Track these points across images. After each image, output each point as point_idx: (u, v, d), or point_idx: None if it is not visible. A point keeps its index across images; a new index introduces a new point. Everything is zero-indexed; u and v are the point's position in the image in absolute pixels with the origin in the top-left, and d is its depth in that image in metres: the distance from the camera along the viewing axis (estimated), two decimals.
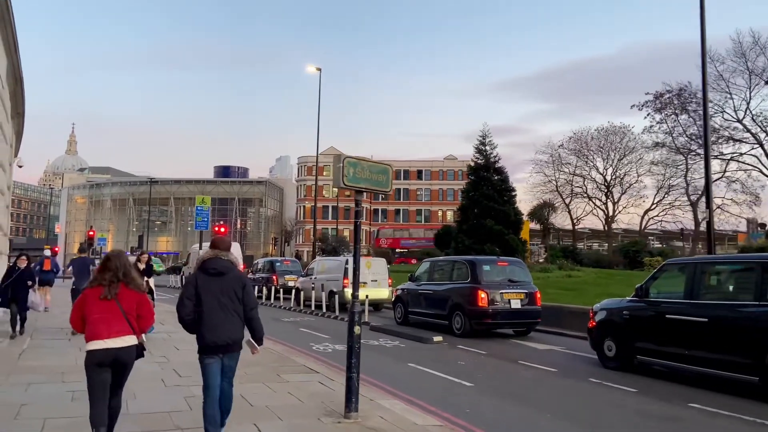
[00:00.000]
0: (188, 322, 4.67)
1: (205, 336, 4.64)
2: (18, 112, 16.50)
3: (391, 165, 6.36)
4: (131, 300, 4.50)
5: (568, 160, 48.85)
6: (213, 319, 4.63)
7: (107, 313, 4.36)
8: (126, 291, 4.50)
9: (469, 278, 13.34)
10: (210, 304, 4.64)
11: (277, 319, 17.65)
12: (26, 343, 10.42)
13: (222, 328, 4.62)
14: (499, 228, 30.77)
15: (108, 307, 4.38)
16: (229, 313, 4.68)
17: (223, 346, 4.66)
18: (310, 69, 34.46)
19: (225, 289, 4.70)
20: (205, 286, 4.68)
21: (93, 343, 4.27)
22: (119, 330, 4.33)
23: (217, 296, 4.66)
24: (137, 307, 4.54)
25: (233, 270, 4.85)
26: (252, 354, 5.11)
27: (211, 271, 4.74)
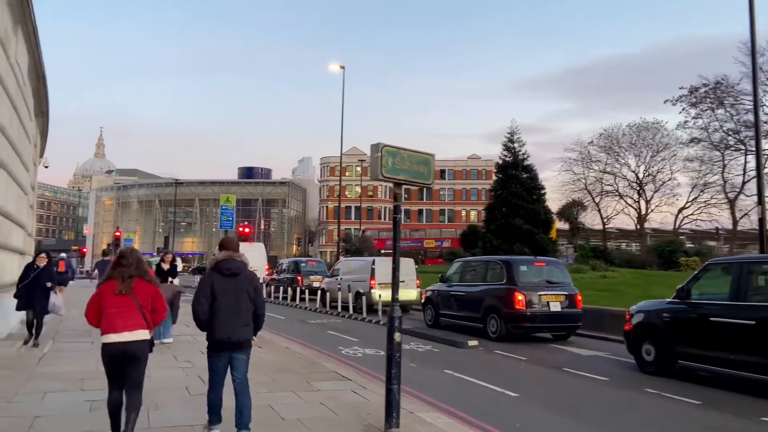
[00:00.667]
0: (203, 321, 4.85)
1: (219, 333, 4.81)
2: (42, 111, 16.32)
3: (433, 155, 5.75)
4: (146, 294, 4.66)
5: (598, 157, 47.48)
6: (226, 317, 4.80)
7: (123, 308, 4.52)
8: (141, 285, 4.66)
9: (504, 279, 12.67)
10: (224, 304, 4.82)
11: (303, 320, 17.19)
12: (47, 346, 10.08)
13: (234, 327, 4.81)
14: (529, 227, 29.89)
15: (124, 301, 4.53)
16: (241, 312, 4.87)
17: (234, 343, 4.85)
18: (333, 67, 34.02)
19: (239, 290, 4.90)
20: (220, 286, 4.86)
21: (108, 336, 4.45)
22: (134, 324, 4.50)
23: (231, 296, 4.85)
24: (152, 301, 4.68)
25: (246, 271, 5.06)
26: None
27: (225, 272, 4.92)
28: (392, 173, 5.38)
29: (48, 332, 11.98)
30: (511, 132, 34.07)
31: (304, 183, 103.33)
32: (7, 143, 9.83)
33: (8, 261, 10.95)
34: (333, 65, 33.82)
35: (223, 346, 4.85)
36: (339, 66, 33.53)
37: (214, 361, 4.92)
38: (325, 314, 19.08)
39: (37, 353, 9.15)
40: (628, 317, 10.02)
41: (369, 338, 13.09)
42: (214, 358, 4.92)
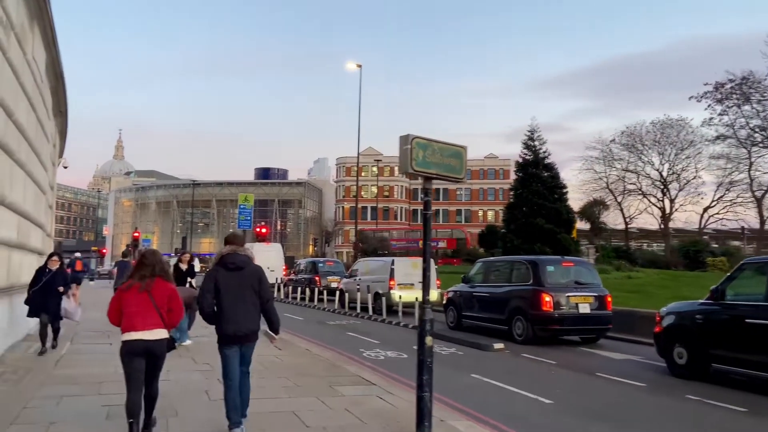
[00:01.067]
0: (209, 313, 4.93)
1: (225, 327, 4.88)
2: (60, 111, 16.25)
3: (465, 147, 5.40)
4: (164, 294, 4.74)
5: (620, 155, 46.50)
6: (233, 311, 4.86)
7: (142, 307, 4.64)
8: (161, 284, 4.77)
9: (530, 280, 12.25)
10: (230, 297, 4.88)
11: (322, 322, 16.91)
12: (65, 348, 9.91)
13: (241, 320, 4.88)
14: (551, 227, 29.28)
15: (143, 301, 4.65)
16: (247, 306, 4.92)
17: (241, 337, 4.92)
18: (351, 66, 33.81)
19: (243, 283, 4.94)
20: (224, 281, 4.91)
21: (128, 334, 4.57)
22: (153, 323, 4.62)
23: (236, 289, 4.90)
24: (168, 301, 4.76)
25: (250, 264, 5.09)
26: (271, 343, 5.34)
27: (230, 266, 4.97)
28: (423, 167, 5.04)
29: (66, 333, 11.85)
30: (531, 130, 33.51)
31: (319, 183, 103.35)
32: (24, 142, 9.68)
33: (27, 261, 10.81)
34: (350, 64, 33.61)
35: (230, 340, 4.93)
36: (356, 65, 33.31)
37: (226, 355, 4.99)
38: (344, 315, 18.79)
39: (54, 355, 8.97)
40: (658, 319, 9.72)
41: (390, 340, 12.77)
42: (225, 350, 4.99)
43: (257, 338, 5.12)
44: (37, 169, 11.37)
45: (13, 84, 8.53)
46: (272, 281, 28.95)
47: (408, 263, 19.16)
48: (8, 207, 8.70)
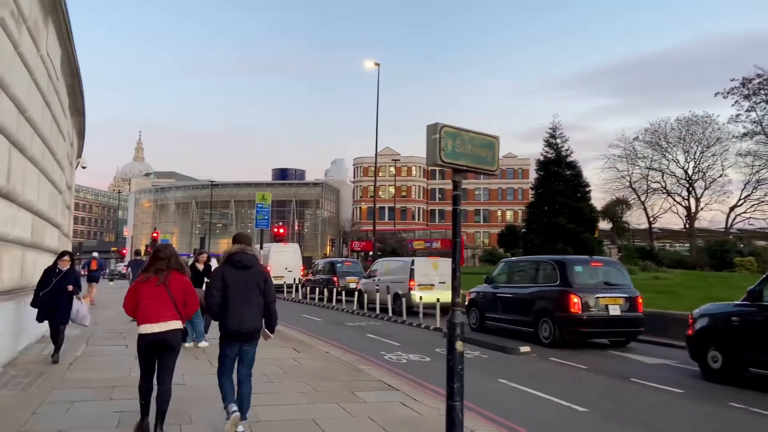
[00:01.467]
0: (216, 311, 5.03)
1: (230, 324, 4.98)
2: (78, 110, 16.15)
3: (497, 137, 5.01)
4: (179, 287, 4.91)
5: (644, 153, 45.36)
6: (238, 308, 4.97)
7: (158, 300, 4.78)
8: (176, 278, 4.93)
9: (558, 280, 11.79)
10: (236, 295, 4.98)
11: (340, 323, 16.59)
12: (80, 349, 9.70)
13: (245, 318, 4.97)
14: (573, 226, 28.60)
15: (159, 293, 4.80)
16: (252, 304, 5.02)
17: (244, 334, 5.02)
18: (368, 65, 33.52)
19: (249, 282, 5.06)
20: (231, 279, 5.02)
21: (144, 326, 4.73)
22: (168, 315, 4.77)
23: (242, 288, 5.01)
24: (184, 295, 4.92)
25: (257, 264, 5.24)
26: (264, 340, 5.39)
27: (237, 264, 5.09)
28: (452, 158, 4.65)
29: (83, 334, 11.68)
30: (552, 127, 32.82)
31: (337, 184, 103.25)
32: (38, 139, 9.50)
33: (42, 262, 10.63)
34: (368, 62, 33.32)
35: (233, 337, 5.03)
36: (374, 63, 33.00)
37: (224, 351, 5.11)
38: (363, 316, 18.45)
39: (68, 358, 8.74)
40: (691, 321, 9.31)
41: (411, 342, 12.39)
42: (225, 347, 5.11)
43: (259, 337, 5.23)
44: (52, 167, 11.21)
45: (26, 79, 8.34)
46: (290, 282, 28.75)
47: (428, 263, 18.76)
48: (21, 205, 8.51)
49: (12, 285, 7.93)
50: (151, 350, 4.77)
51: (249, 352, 5.20)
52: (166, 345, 4.79)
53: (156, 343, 4.75)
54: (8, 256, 7.67)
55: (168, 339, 4.79)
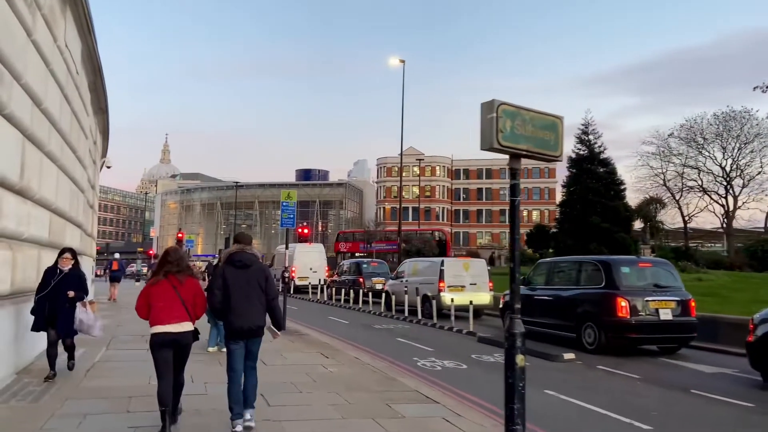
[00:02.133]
0: (219, 309, 5.20)
1: (233, 322, 5.12)
2: (101, 108, 15.88)
3: (561, 118, 4.33)
4: (189, 290, 5.06)
5: (679, 150, 43.56)
6: (240, 307, 5.11)
7: (169, 302, 4.92)
8: (185, 280, 5.06)
9: (603, 282, 10.99)
10: (237, 294, 5.12)
11: (368, 326, 15.99)
12: (99, 354, 9.26)
13: (248, 315, 5.10)
14: (607, 225, 27.48)
15: (170, 295, 4.94)
16: (253, 302, 5.15)
17: (247, 331, 5.15)
18: (393, 61, 32.88)
19: (250, 280, 5.19)
20: (232, 278, 5.16)
21: (157, 327, 4.88)
22: (179, 317, 4.91)
23: (243, 286, 5.15)
24: (194, 296, 5.08)
25: (257, 262, 5.37)
26: (273, 338, 5.64)
27: (237, 264, 5.23)
28: (511, 141, 4.00)
29: (104, 338, 11.30)
30: (585, 123, 31.63)
31: (360, 184, 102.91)
32: (56, 134, 9.10)
33: None
34: (393, 59, 32.69)
35: (237, 334, 5.17)
36: (399, 60, 32.34)
37: (231, 350, 5.23)
38: (391, 319, 17.82)
39: (85, 364, 8.30)
40: (751, 327, 8.52)
41: (444, 348, 11.72)
42: (231, 345, 5.24)
43: (263, 333, 5.33)
44: (73, 164, 10.84)
45: (41, 69, 7.91)
46: (315, 282, 28.25)
47: (458, 264, 18.05)
48: (38, 203, 8.09)
49: (27, 287, 7.50)
50: (164, 350, 4.93)
51: (253, 349, 5.33)
52: (177, 345, 4.97)
53: (168, 343, 4.91)
54: (22, 256, 7.23)
55: (179, 339, 4.97)
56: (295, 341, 11.62)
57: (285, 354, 9.92)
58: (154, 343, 4.93)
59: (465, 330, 14.12)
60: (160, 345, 4.91)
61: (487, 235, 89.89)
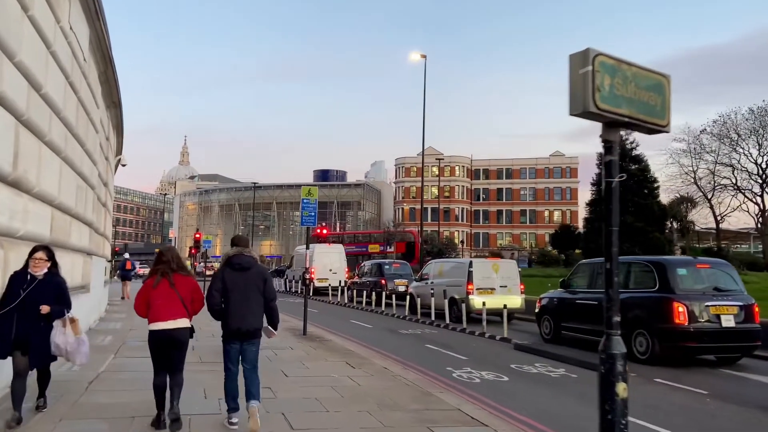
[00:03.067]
0: (217, 310, 5.25)
1: (231, 323, 5.20)
2: (113, 102, 15.22)
3: (668, 77, 3.38)
4: (186, 287, 5.17)
5: (711, 147, 41.61)
6: (238, 308, 5.18)
7: (167, 299, 5.03)
8: (181, 278, 5.17)
9: (656, 285, 9.96)
10: (236, 296, 5.19)
11: (393, 330, 15.08)
12: (106, 363, 8.49)
13: (246, 317, 5.17)
14: (641, 225, 26.19)
15: (168, 293, 5.05)
16: (251, 304, 5.22)
17: (244, 333, 5.21)
18: (414, 56, 32.05)
19: (249, 283, 5.26)
20: (231, 280, 5.23)
21: (155, 324, 5.02)
22: (176, 313, 5.04)
23: (241, 288, 5.22)
24: (191, 293, 5.18)
25: (256, 265, 5.43)
26: (268, 337, 5.57)
27: (236, 266, 5.30)
28: (611, 103, 3.07)
29: (113, 342, 10.57)
30: None
31: (378, 185, 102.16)
32: (60, 123, 8.37)
33: (68, 263, 9.53)
34: (414, 54, 31.84)
35: (234, 336, 5.23)
36: (420, 55, 31.45)
37: (227, 349, 5.32)
38: (417, 323, 16.90)
39: (88, 374, 7.52)
40: None
41: (479, 356, 10.79)
42: (227, 346, 5.32)
43: (260, 335, 5.37)
44: (80, 158, 10.12)
45: (40, 50, 7.16)
46: (335, 284, 27.40)
47: (488, 265, 17.08)
48: (36, 196, 7.34)
49: None
50: (162, 346, 5.04)
51: (251, 350, 5.35)
52: (175, 341, 5.05)
53: (166, 339, 5.00)
54: (16, 254, 6.46)
55: (176, 335, 5.04)
56: (318, 348, 10.77)
57: (307, 363, 9.07)
58: (152, 340, 5.06)
59: (498, 336, 13.15)
60: (157, 341, 5.04)
61: (507, 236, 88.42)
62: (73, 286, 10.18)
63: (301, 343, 11.36)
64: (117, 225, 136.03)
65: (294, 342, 11.53)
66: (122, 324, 13.64)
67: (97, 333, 11.93)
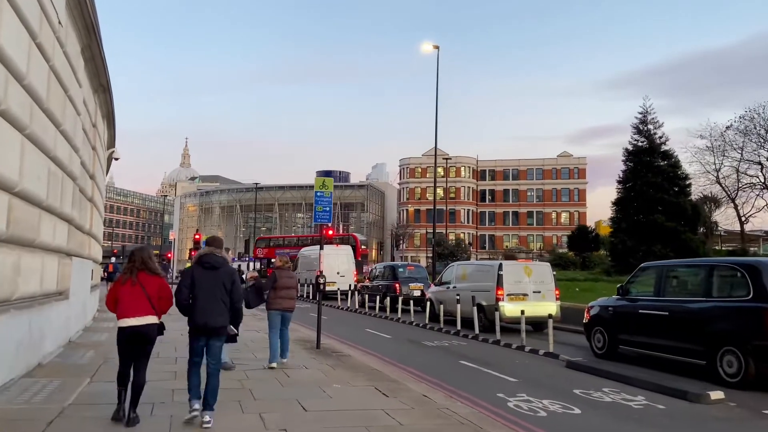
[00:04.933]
0: (185, 305, 5.52)
1: (197, 319, 5.46)
2: (101, 85, 13.53)
3: None
4: (153, 285, 5.43)
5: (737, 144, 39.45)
6: (204, 305, 5.45)
7: (134, 297, 5.32)
8: (148, 277, 5.43)
9: (750, 293, 8.22)
10: (203, 293, 5.48)
11: (416, 342, 13.35)
12: (77, 391, 6.77)
13: (211, 314, 5.44)
14: (673, 225, 24.41)
15: (135, 291, 5.33)
16: (218, 302, 5.48)
17: (210, 329, 5.47)
18: (426, 47, 30.21)
19: (216, 282, 5.52)
20: (200, 278, 5.53)
21: (123, 320, 5.30)
22: (143, 310, 5.31)
23: (209, 286, 5.50)
24: (158, 291, 5.44)
25: (225, 265, 5.69)
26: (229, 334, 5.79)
27: (206, 265, 5.58)
28: None
29: (92, 361, 8.86)
30: (643, 112, 28.39)
31: (382, 186, 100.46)
32: (22, 91, 6.70)
33: (35, 264, 7.85)
34: (426, 45, 30.05)
35: (200, 331, 5.48)
36: (433, 46, 29.73)
37: (192, 343, 5.55)
38: (440, 332, 15.17)
39: (52, 408, 5.81)
40: None
41: (529, 377, 9.08)
42: (192, 342, 5.55)
43: (225, 333, 5.62)
44: (53, 139, 8.42)
45: None
46: (344, 288, 25.66)
47: (519, 268, 15.35)
48: None
49: None
50: (129, 341, 5.31)
51: (215, 346, 5.57)
52: (141, 336, 5.30)
53: (132, 335, 5.27)
54: None
55: (143, 331, 5.29)
56: (337, 367, 9.05)
57: (327, 389, 7.35)
58: (119, 335, 5.32)
59: (542, 350, 11.41)
60: (124, 337, 5.29)
61: (514, 237, 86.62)
62: (45, 292, 8.49)
63: (316, 360, 9.65)
64: (117, 227, 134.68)
65: (307, 358, 9.82)
66: (109, 335, 11.93)
67: (77, 347, 10.23)
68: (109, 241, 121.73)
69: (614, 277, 22.71)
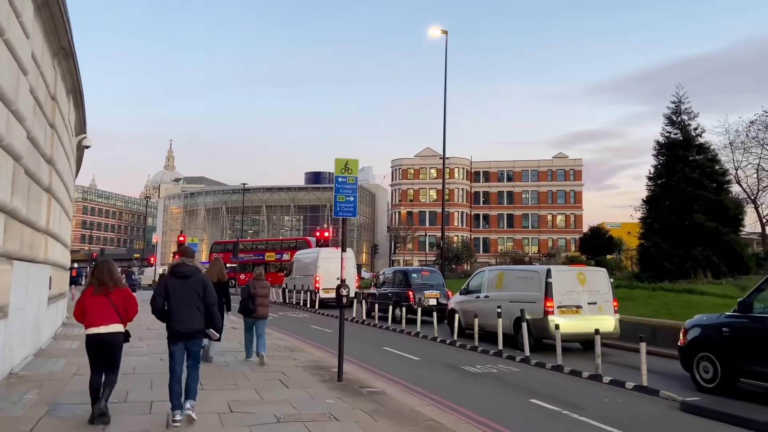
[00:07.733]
0: (159, 312, 5.83)
1: (173, 325, 5.75)
2: (63, 48, 10.82)
3: None
4: (119, 296, 5.78)
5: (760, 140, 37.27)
6: (179, 312, 5.76)
7: (101, 306, 5.63)
8: (116, 288, 5.79)
9: None
10: (177, 301, 5.77)
11: (455, 367, 10.74)
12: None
13: (186, 320, 5.73)
14: (714, 225, 22.12)
15: (101, 301, 5.65)
16: (192, 308, 5.78)
17: (186, 334, 5.76)
18: (434, 32, 27.63)
19: (189, 290, 5.83)
20: (173, 286, 5.82)
21: (90, 329, 5.60)
22: (110, 319, 5.62)
23: (182, 294, 5.79)
24: (124, 301, 5.78)
25: (197, 273, 6.00)
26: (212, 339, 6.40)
27: (178, 275, 5.89)
28: None
29: (31, 411, 6.17)
30: (676, 101, 26.05)
31: (372, 188, 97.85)
32: None
33: None
34: (434, 29, 27.50)
35: (176, 337, 5.75)
36: (441, 30, 27.24)
37: (172, 351, 5.79)
38: (475, 352, 12.61)
39: None
40: None
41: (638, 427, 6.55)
42: (171, 347, 5.81)
43: (202, 336, 5.95)
44: None
45: None
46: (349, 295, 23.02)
47: (572, 275, 12.87)
48: None
49: None
50: (97, 349, 5.57)
51: (193, 350, 5.88)
52: (107, 344, 5.58)
53: (99, 342, 5.54)
54: None
55: (108, 339, 5.58)
56: (377, 415, 6.44)
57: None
58: (87, 343, 5.62)
59: (628, 382, 8.85)
60: (92, 344, 5.60)
61: (509, 240, 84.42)
62: None
63: (345, 403, 7.04)
64: (98, 230, 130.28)
65: (331, 400, 7.18)
66: (66, 362, 9.23)
67: (19, 383, 7.49)
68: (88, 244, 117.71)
69: (649, 283, 20.34)
